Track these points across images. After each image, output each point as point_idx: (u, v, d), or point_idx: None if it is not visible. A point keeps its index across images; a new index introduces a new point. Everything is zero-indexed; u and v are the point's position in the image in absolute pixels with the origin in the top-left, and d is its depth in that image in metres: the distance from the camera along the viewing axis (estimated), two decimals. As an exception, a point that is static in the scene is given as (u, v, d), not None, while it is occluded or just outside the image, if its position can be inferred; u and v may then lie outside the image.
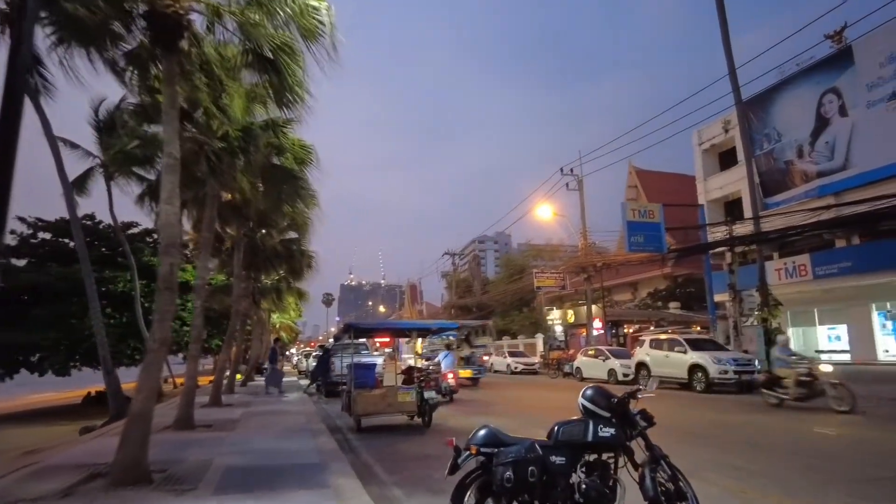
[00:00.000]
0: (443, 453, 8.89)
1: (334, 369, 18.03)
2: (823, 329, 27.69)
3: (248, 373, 25.13)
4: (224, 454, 7.72)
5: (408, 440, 9.85)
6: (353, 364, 10.67)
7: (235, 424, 10.94)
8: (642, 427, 4.67)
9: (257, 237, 17.87)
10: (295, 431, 9.96)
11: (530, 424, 10.99)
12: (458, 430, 10.69)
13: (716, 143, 31.46)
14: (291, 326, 57.62)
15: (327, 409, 15.56)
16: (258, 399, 16.91)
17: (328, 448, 8.22)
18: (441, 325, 11.05)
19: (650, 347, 20.43)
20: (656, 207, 23.44)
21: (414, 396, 10.75)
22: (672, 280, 38.99)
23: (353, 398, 10.38)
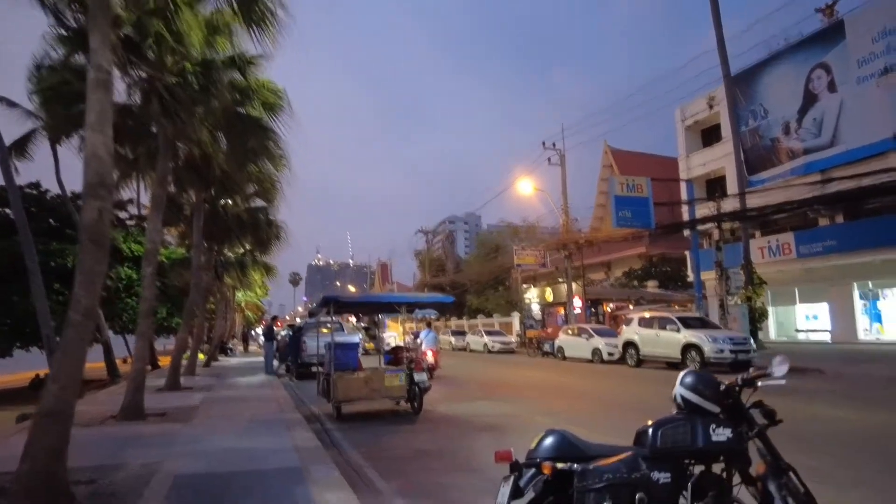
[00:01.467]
0: (441, 448, 7.45)
1: (306, 349, 16.42)
2: (803, 308, 27.31)
3: (212, 353, 23.26)
4: (176, 455, 6.13)
5: (398, 431, 8.41)
6: (333, 344, 9.13)
7: (194, 413, 9.30)
8: (761, 426, 3.21)
9: (219, 204, 16.00)
10: (265, 422, 8.40)
11: (540, 412, 9.68)
12: (454, 418, 9.30)
13: (699, 120, 30.56)
14: (257, 305, 55.30)
15: (300, 393, 13.99)
16: (222, 382, 15.21)
17: (307, 445, 6.70)
18: (434, 299, 9.60)
19: (639, 326, 19.40)
20: (644, 181, 22.33)
21: (403, 380, 9.30)
22: (647, 259, 38.35)
23: (333, 382, 8.88)
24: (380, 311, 11.40)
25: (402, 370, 9.36)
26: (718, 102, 28.88)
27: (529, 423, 8.83)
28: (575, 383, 14.97)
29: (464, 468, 6.15)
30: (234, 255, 22.38)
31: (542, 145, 27.53)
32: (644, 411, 9.94)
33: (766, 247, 26.17)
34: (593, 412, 9.82)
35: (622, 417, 9.36)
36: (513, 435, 7.91)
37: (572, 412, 9.85)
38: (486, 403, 11.06)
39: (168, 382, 12.71)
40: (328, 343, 9.61)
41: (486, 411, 10.07)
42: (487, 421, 9.00)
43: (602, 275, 40.81)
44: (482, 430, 8.31)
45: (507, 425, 8.63)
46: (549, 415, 9.59)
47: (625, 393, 12.59)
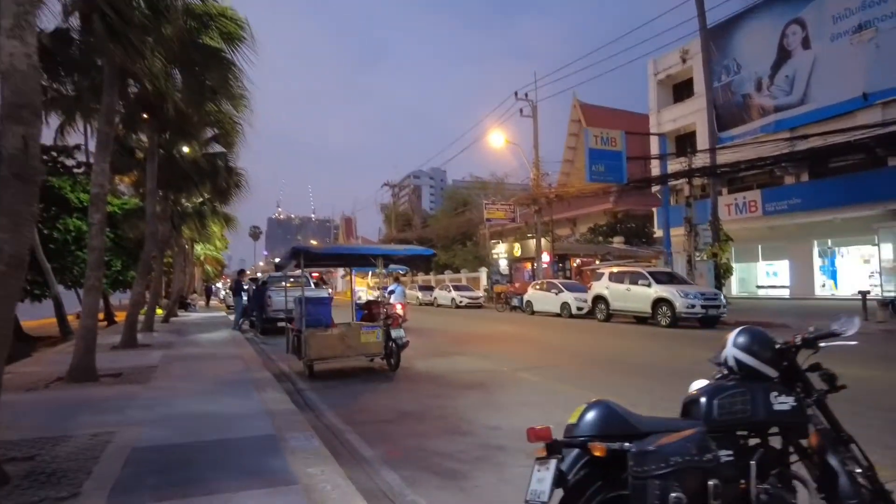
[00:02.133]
0: (426, 409, 6.91)
1: (271, 304, 15.64)
2: (764, 265, 27.82)
3: (171, 308, 22.17)
4: (132, 422, 5.44)
5: (376, 391, 7.88)
6: (304, 298, 8.43)
7: (152, 373, 8.55)
8: (821, 392, 2.72)
9: (175, 149, 14.76)
10: (232, 382, 7.74)
11: (522, 367, 9.28)
12: (434, 375, 8.82)
13: (672, 74, 30.11)
14: (217, 259, 53.55)
15: (266, 349, 13.32)
16: (183, 338, 14.36)
17: (280, 408, 6.09)
18: (414, 252, 8.94)
19: (610, 281, 19.25)
20: (618, 135, 21.86)
21: (380, 336, 8.72)
22: (612, 216, 38.40)
23: (305, 339, 8.23)
24: (354, 263, 10.67)
25: (378, 326, 8.78)
26: (692, 56, 28.43)
27: (514, 380, 8.44)
28: (549, 337, 14.73)
29: (453, 431, 5.67)
30: (192, 205, 21.08)
31: (515, 95, 26.65)
32: (627, 365, 9.63)
33: (732, 204, 26.30)
34: (578, 367, 9.49)
35: (608, 371, 9.06)
36: (499, 393, 7.49)
37: (555, 367, 9.50)
38: (464, 359, 10.64)
39: (124, 340, 11.83)
40: (298, 298, 8.91)
41: (466, 367, 9.64)
42: (470, 378, 8.55)
43: (567, 231, 40.76)
44: (466, 387, 7.85)
45: (492, 382, 8.19)
46: (532, 370, 9.21)
47: (601, 346, 12.37)
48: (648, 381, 8.08)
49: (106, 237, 23.95)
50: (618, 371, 9.18)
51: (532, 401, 7.00)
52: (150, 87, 9.47)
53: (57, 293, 20.33)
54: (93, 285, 8.01)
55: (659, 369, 9.28)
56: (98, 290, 8.06)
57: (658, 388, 7.50)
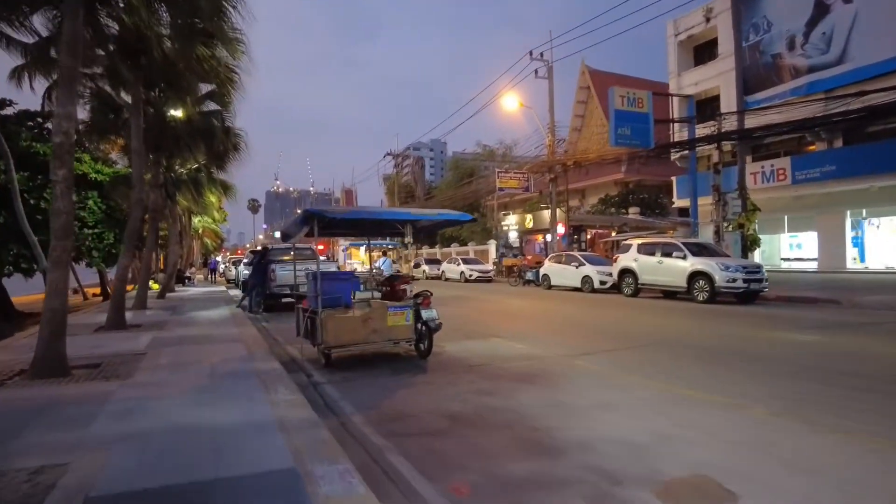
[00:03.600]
0: (480, 411, 4.27)
1: (275, 279, 14.10)
2: (788, 237, 26.33)
3: (167, 282, 20.63)
4: (96, 445, 3.93)
5: (408, 384, 6.38)
6: (320, 273, 6.89)
7: (137, 363, 7.05)
8: None
9: (165, 107, 13.03)
10: (233, 375, 6.23)
11: (571, 352, 7.76)
12: (472, 362, 7.32)
13: (693, 34, 28.11)
14: (216, 231, 51.81)
15: (270, 328, 11.83)
16: (178, 317, 12.85)
17: (297, 416, 4.59)
18: (447, 217, 7.38)
19: (638, 253, 17.75)
20: (645, 95, 20.09)
21: (410, 318, 7.21)
22: (624, 186, 36.77)
23: (322, 322, 6.71)
24: (375, 232, 9.06)
25: (408, 306, 7.25)
26: (716, 15, 26.48)
27: (570, 369, 6.97)
28: (581, 315, 13.25)
29: (528, 447, 4.21)
30: (187, 172, 19.36)
31: (530, 55, 24.71)
32: (687, 348, 8.00)
33: (758, 172, 24.65)
34: (634, 351, 8.00)
35: (669, 355, 7.59)
36: (562, 388, 6.01)
37: (610, 352, 8.02)
38: (500, 342, 9.15)
39: (109, 321, 10.33)
40: (312, 273, 7.36)
41: (506, 352, 8.16)
42: (518, 367, 7.08)
43: (576, 202, 39.13)
44: (518, 380, 6.38)
45: (546, 372, 6.72)
46: (585, 356, 7.74)
47: (644, 325, 10.88)
48: (723, 368, 6.62)
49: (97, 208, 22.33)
50: (680, 355, 7.72)
51: (608, 400, 5.53)
52: (128, 19, 7.74)
53: (45, 268, 18.77)
54: (59, 258, 6.44)
55: (725, 352, 7.83)
56: (65, 264, 6.49)
57: (742, 378, 6.07)
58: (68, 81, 6.48)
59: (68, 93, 6.47)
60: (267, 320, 13.10)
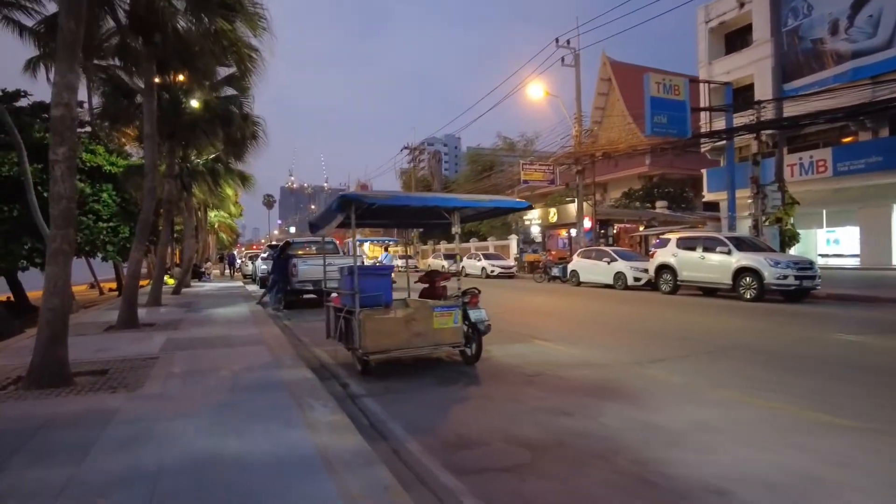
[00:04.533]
0: (557, 437, 2.98)
1: (297, 274, 13.19)
2: (824, 232, 24.99)
3: (183, 277, 19.83)
4: (88, 490, 3.00)
5: (463, 398, 5.41)
6: (357, 269, 5.92)
7: (148, 370, 6.14)
8: None
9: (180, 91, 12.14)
10: (259, 387, 5.30)
11: (637, 358, 6.73)
12: (529, 371, 6.33)
13: (725, 21, 26.74)
14: (231, 226, 51.13)
15: (292, 326, 10.90)
16: (194, 315, 11.99)
17: (344, 445, 3.63)
18: (502, 204, 6.39)
19: (677, 247, 16.64)
20: (681, 82, 18.93)
21: (458, 320, 6.23)
22: (647, 180, 35.52)
23: (360, 325, 5.75)
24: (421, 220, 8.00)
25: (455, 306, 6.26)
26: (751, 0, 25.14)
27: (648, 381, 5.96)
28: (622, 313, 12.21)
29: (645, 491, 3.26)
30: (204, 162, 18.50)
31: (556, 42, 23.57)
32: (764, 354, 6.57)
33: (796, 164, 23.32)
34: (708, 358, 6.95)
35: (752, 364, 6.54)
36: (649, 405, 5.02)
37: (682, 359, 6.98)
38: (552, 346, 8.15)
39: (121, 319, 9.47)
40: (348, 268, 6.41)
41: (560, 358, 7.16)
42: (585, 377, 6.09)
43: (598, 196, 37.90)
44: (592, 394, 5.39)
45: (622, 384, 5.73)
46: (656, 363, 6.74)
47: (701, 327, 9.81)
48: (827, 381, 5.56)
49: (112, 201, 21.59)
50: (762, 363, 6.69)
51: (706, 420, 4.56)
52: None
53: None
54: (58, 249, 5.54)
55: (813, 360, 6.77)
56: (66, 256, 5.59)
57: (861, 392, 5.02)
58: (69, 46, 5.55)
59: (69, 59, 5.55)
60: (289, 318, 12.19)
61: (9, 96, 21.00)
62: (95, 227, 20.89)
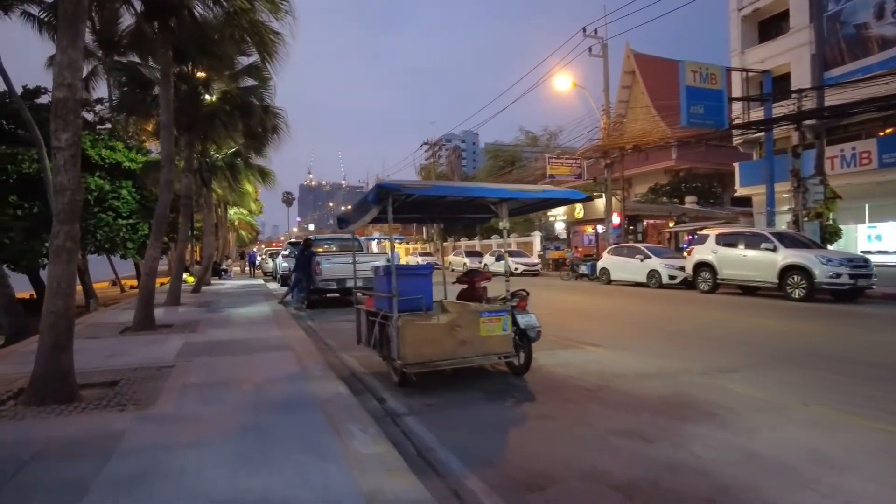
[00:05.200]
0: (647, 474, 2.94)
1: (320, 272, 12.54)
2: (868, 227, 23.73)
3: (202, 275, 19.34)
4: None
5: (519, 419, 4.66)
6: (395, 268, 5.17)
7: (162, 381, 5.48)
8: None
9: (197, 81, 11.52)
10: (286, 405, 4.61)
11: (703, 366, 5.86)
12: (587, 383, 5.55)
13: (759, 8, 25.51)
14: (251, 224, 50.88)
15: (316, 328, 10.23)
16: (213, 315, 11.39)
17: (396, 489, 2.91)
18: (555, 196, 5.61)
19: (717, 244, 15.70)
20: (718, 71, 17.97)
21: (507, 326, 5.48)
22: (674, 174, 34.37)
23: (398, 332, 5.03)
24: (463, 212, 7.15)
25: (504, 311, 5.51)
26: (788, -16, 23.91)
27: (720, 393, 5.18)
28: (667, 314, 11.36)
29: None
30: (223, 156, 17.93)
31: (583, 31, 22.65)
32: (841, 362, 5.55)
33: (837, 156, 22.10)
34: (782, 366, 6.11)
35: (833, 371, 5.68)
36: (733, 425, 4.24)
37: (753, 367, 6.15)
38: (599, 352, 7.37)
39: (137, 320, 8.88)
40: (383, 267, 5.69)
41: (617, 367, 6.38)
42: (649, 390, 5.31)
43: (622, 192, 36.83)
44: (666, 412, 4.62)
45: (692, 399, 4.96)
46: (727, 373, 5.94)
47: (756, 329, 8.94)
48: None
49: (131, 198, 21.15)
50: (846, 372, 5.86)
51: (820, 448, 3.79)
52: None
53: (79, 259, 17.73)
54: (61, 246, 4.90)
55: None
56: (70, 254, 4.95)
57: None
58: (70, 19, 4.90)
59: (71, 34, 4.89)
60: (312, 318, 11.54)
61: (29, 93, 20.69)
62: (115, 224, 20.50)
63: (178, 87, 11.62)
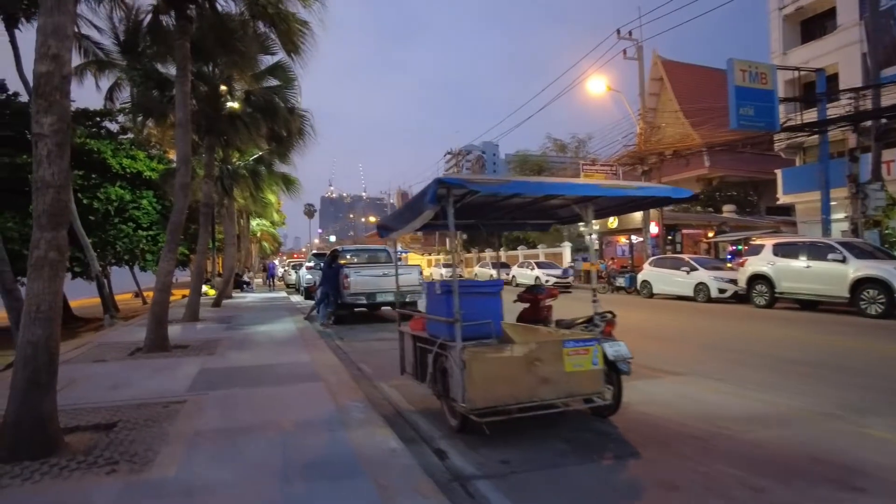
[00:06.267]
0: None
1: (349, 286, 11.46)
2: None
3: (223, 288, 18.42)
4: None
5: (635, 495, 3.50)
6: (456, 284, 4.01)
7: (167, 425, 4.40)
8: None
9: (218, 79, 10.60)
10: (324, 468, 3.48)
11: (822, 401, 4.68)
12: (691, 427, 4.35)
13: (802, 6, 24.13)
14: (274, 235, 50.23)
15: (345, 347, 9.12)
16: (234, 333, 10.37)
17: None
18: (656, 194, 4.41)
19: (774, 255, 14.31)
20: (768, 69, 16.69)
21: (598, 360, 4.30)
22: (706, 183, 32.82)
23: (466, 366, 3.88)
24: (527, 219, 6.00)
25: (594, 340, 4.33)
26: (834, -19, 22.54)
27: (875, 443, 3.98)
28: (732, 331, 10.05)
29: None
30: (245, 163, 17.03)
31: (617, 33, 21.50)
32: None
33: (893, 160, 20.57)
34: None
35: None
36: None
37: (888, 403, 4.91)
38: (688, 384, 6.14)
39: (149, 341, 7.86)
40: (441, 284, 4.57)
41: (723, 406, 5.15)
42: (781, 440, 4.09)
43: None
44: (826, 475, 3.41)
45: (845, 454, 3.75)
46: (859, 413, 4.69)
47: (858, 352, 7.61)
48: None
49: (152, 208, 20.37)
50: None
51: None
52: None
53: (98, 271, 16.93)
54: (42, 259, 3.87)
55: None
56: (54, 268, 3.92)
57: None
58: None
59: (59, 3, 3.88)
60: (340, 336, 10.45)
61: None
62: (135, 235, 19.74)
63: (197, 87, 10.73)
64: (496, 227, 6.65)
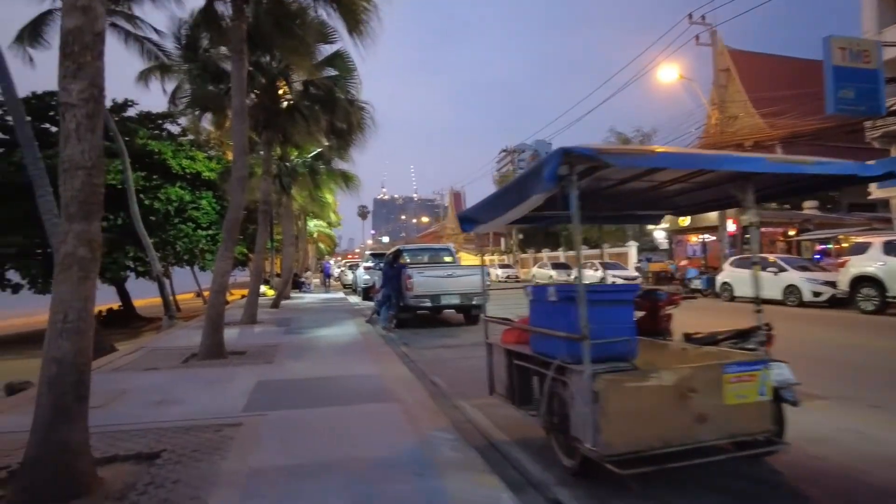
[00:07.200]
0: None
1: (412, 288, 10.63)
2: None
3: (282, 289, 18.02)
4: None
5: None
6: (583, 290, 3.03)
7: (217, 464, 3.59)
8: None
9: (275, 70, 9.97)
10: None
11: None
12: (864, 472, 3.22)
13: (900, -20, 21.74)
14: (330, 236, 50.37)
15: (411, 354, 8.27)
16: (293, 338, 9.71)
17: None
18: (837, 170, 3.32)
19: (885, 254, 12.57)
20: (872, 46, 14.79)
21: (765, 389, 3.23)
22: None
23: (600, 398, 2.89)
24: (683, 200, 4.88)
25: (760, 364, 3.25)
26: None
27: None
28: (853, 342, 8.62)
29: None
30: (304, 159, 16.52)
31: (689, 17, 19.91)
32: None
33: None
34: None
35: None
36: None
37: None
38: (843, 412, 4.91)
39: (204, 347, 7.24)
40: (550, 289, 3.60)
41: (889, 442, 3.97)
42: None
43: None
44: None
45: None
46: None
47: None
48: None
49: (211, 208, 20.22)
50: None
51: None
52: None
53: (160, 271, 16.81)
54: (70, 256, 3.15)
55: None
56: (84, 267, 3.20)
57: None
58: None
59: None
60: (405, 342, 9.61)
61: (118, 107, 20.36)
62: (194, 235, 19.65)
63: (255, 78, 10.15)
64: (602, 220, 5.60)
